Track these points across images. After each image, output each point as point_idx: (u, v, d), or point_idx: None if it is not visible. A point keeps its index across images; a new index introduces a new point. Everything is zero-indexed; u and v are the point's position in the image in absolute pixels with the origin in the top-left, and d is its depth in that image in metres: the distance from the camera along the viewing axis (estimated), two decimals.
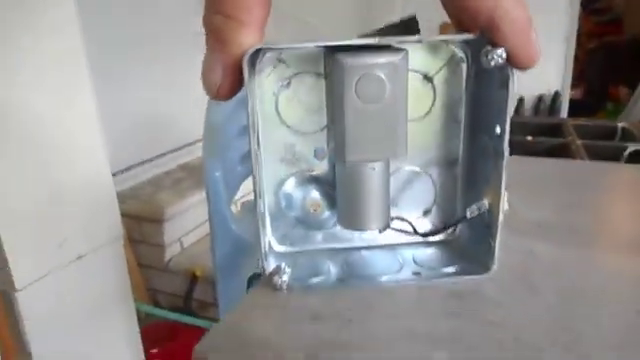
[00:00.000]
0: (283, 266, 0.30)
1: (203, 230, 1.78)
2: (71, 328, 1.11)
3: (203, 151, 0.60)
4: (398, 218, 0.34)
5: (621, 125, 1.33)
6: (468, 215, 0.32)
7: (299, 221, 0.34)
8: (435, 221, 0.35)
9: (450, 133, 0.33)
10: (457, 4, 0.26)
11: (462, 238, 0.35)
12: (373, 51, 0.28)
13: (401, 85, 0.29)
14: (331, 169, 0.33)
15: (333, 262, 0.34)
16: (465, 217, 0.32)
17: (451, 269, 0.33)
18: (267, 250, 0.31)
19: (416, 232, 0.34)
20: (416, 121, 0.33)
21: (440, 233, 0.35)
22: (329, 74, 0.30)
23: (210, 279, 1.63)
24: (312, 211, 0.34)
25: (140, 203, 1.68)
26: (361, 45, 0.28)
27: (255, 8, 0.25)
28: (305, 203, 0.34)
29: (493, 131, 0.29)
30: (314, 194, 0.34)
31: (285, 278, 0.30)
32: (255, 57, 0.28)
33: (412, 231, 0.34)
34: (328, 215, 0.34)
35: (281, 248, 0.34)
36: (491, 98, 0.30)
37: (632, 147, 1.16)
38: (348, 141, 0.29)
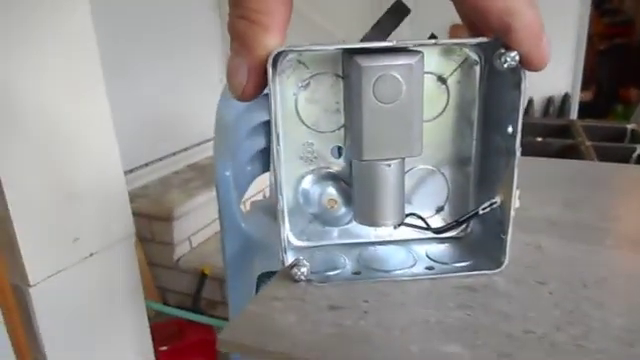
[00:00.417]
0: (301, 259, 0.32)
1: (212, 229, 1.80)
2: (82, 324, 1.13)
3: (214, 151, 0.61)
4: (412, 215, 0.35)
5: (630, 127, 1.34)
6: (480, 211, 0.33)
7: (316, 217, 0.36)
8: (448, 218, 0.36)
9: (463, 133, 0.34)
10: (470, 5, 0.27)
11: (474, 234, 0.36)
12: (390, 53, 0.29)
13: (417, 86, 0.30)
14: (347, 167, 0.34)
15: (348, 257, 0.35)
16: (477, 212, 0.33)
17: (463, 264, 0.33)
18: (286, 244, 0.32)
19: (429, 228, 0.35)
20: (430, 121, 0.34)
21: (453, 229, 0.36)
22: (347, 75, 0.31)
23: (219, 277, 1.64)
24: (329, 208, 0.35)
25: (150, 202, 1.70)
26: (379, 47, 0.29)
27: (277, 12, 0.26)
28: (322, 200, 0.35)
29: (505, 131, 0.30)
30: (331, 191, 0.35)
31: (304, 270, 0.31)
32: (277, 59, 0.29)
33: (425, 227, 0.35)
34: (344, 212, 0.35)
35: (299, 243, 0.36)
36: (503, 99, 0.31)
37: None
38: (365, 140, 0.30)
